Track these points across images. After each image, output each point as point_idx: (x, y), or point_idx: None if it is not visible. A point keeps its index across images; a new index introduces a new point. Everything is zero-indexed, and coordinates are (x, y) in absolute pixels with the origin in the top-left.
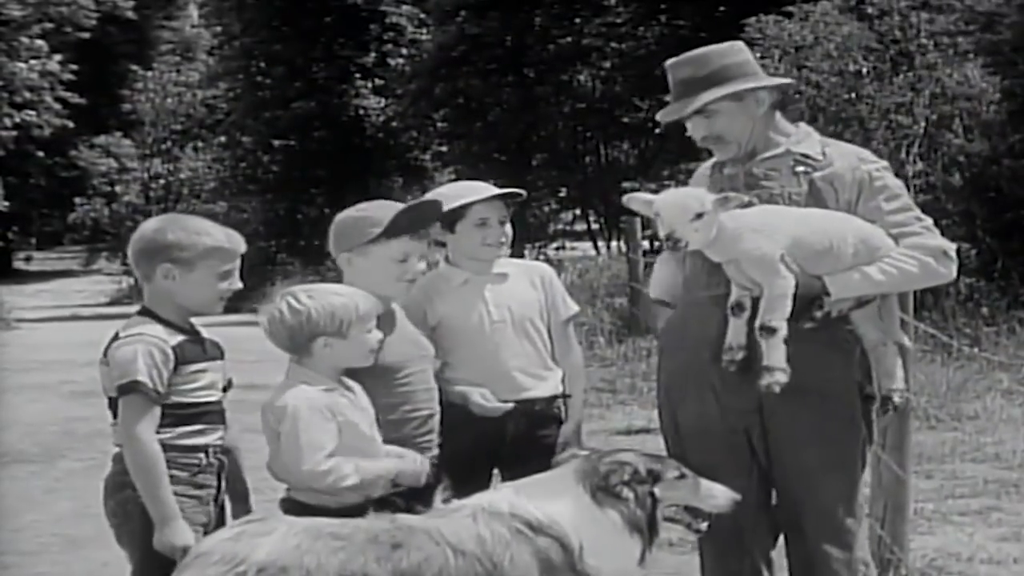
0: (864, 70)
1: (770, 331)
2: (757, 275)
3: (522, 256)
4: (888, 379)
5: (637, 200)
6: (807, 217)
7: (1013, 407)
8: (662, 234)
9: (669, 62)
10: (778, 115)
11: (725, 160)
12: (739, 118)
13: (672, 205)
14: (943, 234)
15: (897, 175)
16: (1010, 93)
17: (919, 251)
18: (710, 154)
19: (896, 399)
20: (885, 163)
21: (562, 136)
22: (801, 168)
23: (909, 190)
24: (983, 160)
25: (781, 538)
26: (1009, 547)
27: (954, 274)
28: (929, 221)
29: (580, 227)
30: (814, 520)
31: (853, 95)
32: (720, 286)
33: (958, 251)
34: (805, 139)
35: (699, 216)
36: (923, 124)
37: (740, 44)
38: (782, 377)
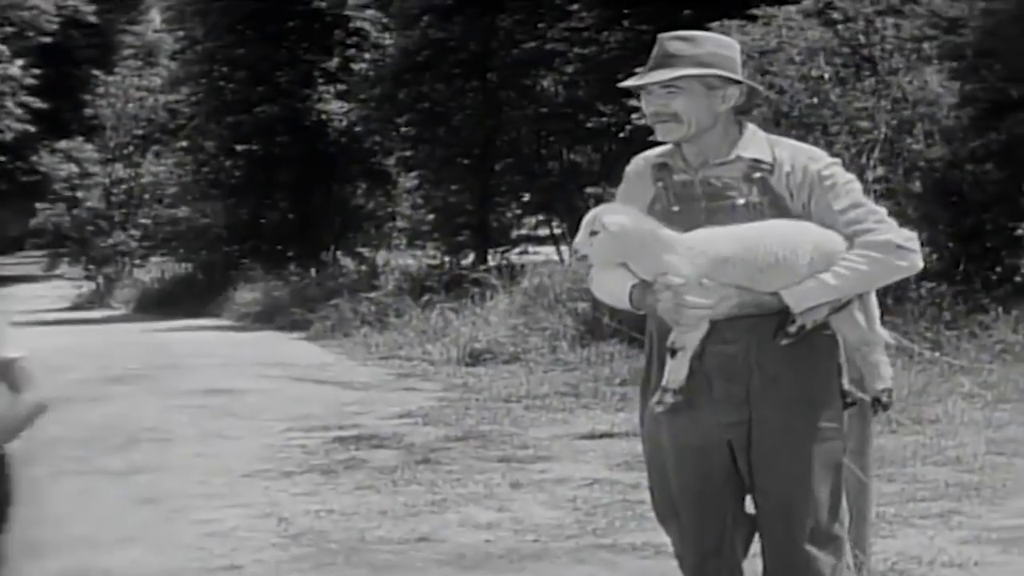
0: (827, 75)
1: (672, 352)
2: (667, 297)
3: (485, 261)
4: (875, 379)
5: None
6: (744, 235)
7: (974, 410)
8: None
9: (663, 34)
10: (733, 119)
11: (671, 163)
12: (703, 104)
13: (584, 220)
14: None
15: (859, 180)
16: (971, 98)
17: (872, 249)
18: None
19: (884, 399)
20: (835, 160)
21: (525, 141)
22: (756, 174)
23: (869, 195)
24: (944, 165)
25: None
26: (970, 550)
27: (919, 263)
28: (883, 214)
29: (543, 232)
30: (802, 526)
31: (816, 100)
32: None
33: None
34: (753, 142)
35: (594, 233)
36: (884, 129)
37: (735, 43)
38: (670, 399)
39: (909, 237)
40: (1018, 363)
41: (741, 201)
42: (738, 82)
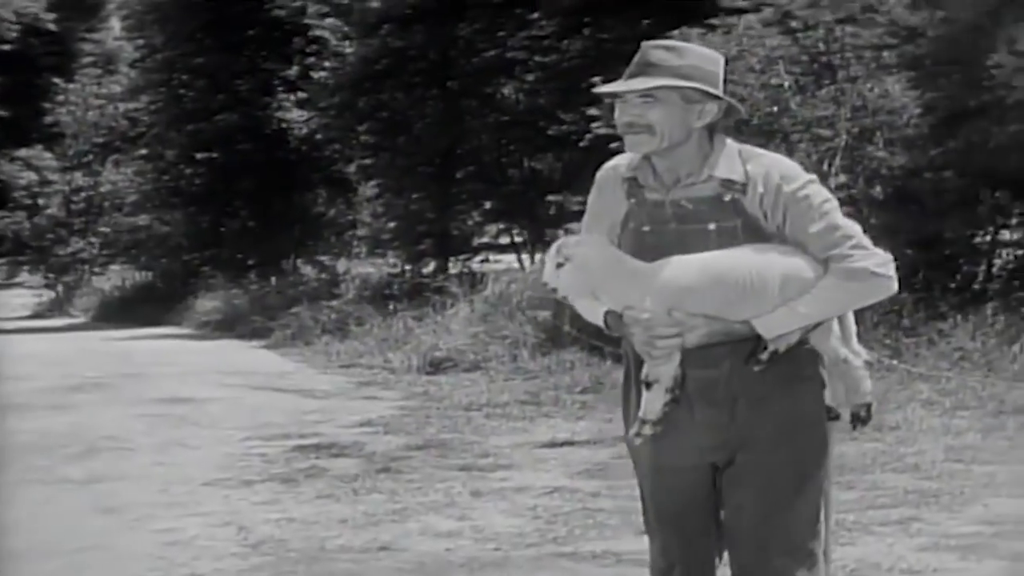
0: (787, 84)
1: (647, 385)
2: (639, 331)
3: (446, 269)
4: (855, 394)
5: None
6: (712, 265)
7: (933, 418)
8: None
9: (647, 42)
10: (706, 134)
11: (641, 178)
12: (678, 118)
13: (549, 253)
14: None
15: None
16: (931, 107)
17: (846, 277)
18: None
19: (863, 414)
20: (810, 177)
21: (486, 149)
22: (728, 196)
23: None
24: (905, 173)
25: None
26: (928, 557)
27: (893, 288)
28: (859, 237)
29: (504, 240)
30: (780, 541)
31: (776, 108)
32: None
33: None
34: (725, 158)
35: (560, 265)
36: (845, 137)
37: (721, 57)
38: (648, 431)
39: (884, 262)
40: (976, 370)
41: (712, 226)
42: (718, 98)
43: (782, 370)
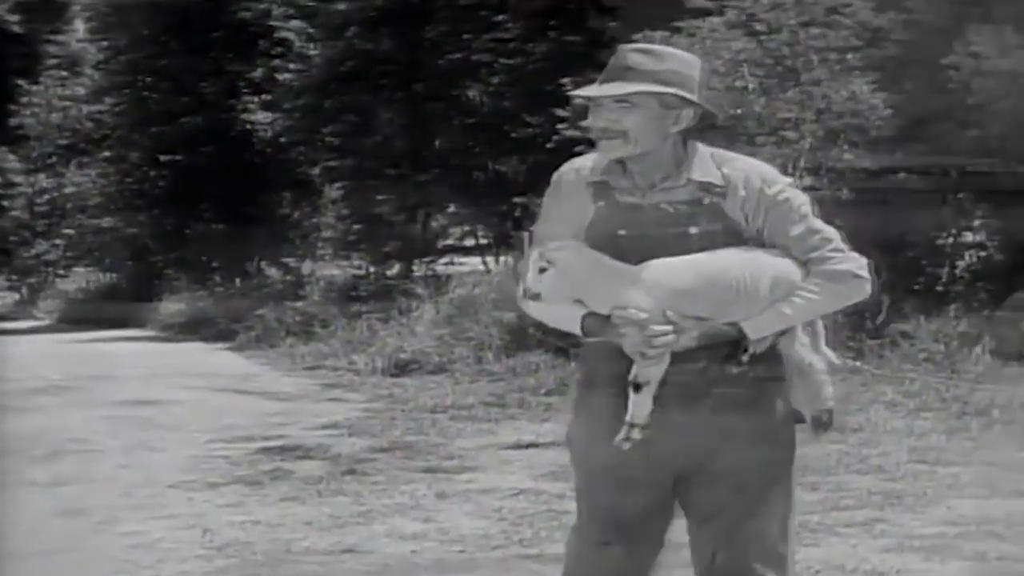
0: (751, 86)
1: (636, 387)
2: (633, 332)
3: (411, 272)
4: (816, 399)
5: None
6: (705, 267)
7: (897, 419)
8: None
9: (623, 45)
10: (680, 139)
11: (612, 182)
12: (654, 124)
13: (531, 259)
14: None
15: None
16: (897, 109)
17: (829, 279)
18: None
19: (825, 419)
20: (788, 180)
21: (452, 152)
22: (708, 199)
23: None
24: (869, 175)
25: None
26: (892, 558)
27: (868, 291)
28: (837, 240)
29: (470, 242)
30: (753, 546)
31: (741, 111)
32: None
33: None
34: (701, 163)
35: (543, 271)
36: (810, 139)
37: (698, 61)
38: (637, 435)
39: (863, 265)
40: (940, 372)
41: (694, 230)
42: (695, 103)
43: (757, 371)
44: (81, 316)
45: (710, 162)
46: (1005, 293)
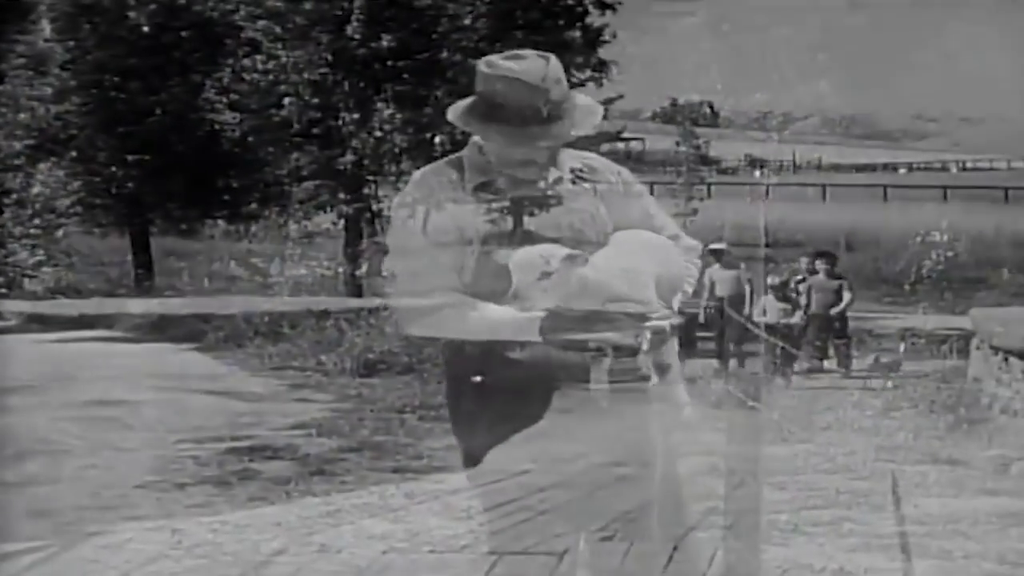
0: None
1: (661, 370)
2: (627, 323)
3: (380, 272)
4: None
5: (500, 255)
6: (661, 251)
7: (864, 418)
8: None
9: (543, 76)
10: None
11: (496, 181)
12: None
13: (520, 265)
14: None
15: None
16: (860, 108)
17: (692, 253)
18: None
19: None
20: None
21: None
22: (587, 184)
23: None
24: (837, 173)
25: None
26: (860, 557)
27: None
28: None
29: None
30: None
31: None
32: None
33: None
34: (570, 155)
35: (546, 275)
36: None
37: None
38: (690, 411)
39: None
40: (906, 371)
41: (591, 212)
42: None
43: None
44: (48, 316)
45: (576, 156)
46: (971, 292)
